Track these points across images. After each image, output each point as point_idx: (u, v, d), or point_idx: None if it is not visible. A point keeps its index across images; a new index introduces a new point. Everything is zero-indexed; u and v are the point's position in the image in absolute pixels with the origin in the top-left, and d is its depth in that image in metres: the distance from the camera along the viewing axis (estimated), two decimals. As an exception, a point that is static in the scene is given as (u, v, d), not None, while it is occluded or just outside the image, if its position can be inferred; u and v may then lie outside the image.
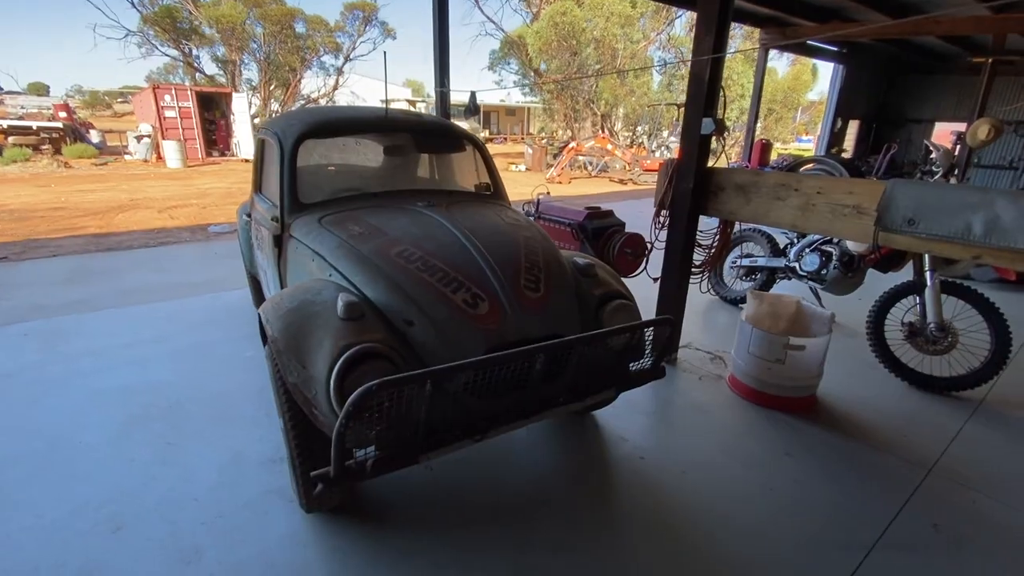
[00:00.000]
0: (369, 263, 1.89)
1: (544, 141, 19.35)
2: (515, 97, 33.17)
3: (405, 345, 1.69)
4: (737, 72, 16.88)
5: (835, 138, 10.72)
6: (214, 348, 3.46)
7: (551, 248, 2.21)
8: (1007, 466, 2.42)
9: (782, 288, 4.42)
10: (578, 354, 1.76)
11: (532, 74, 18.99)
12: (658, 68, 18.07)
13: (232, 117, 18.20)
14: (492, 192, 2.90)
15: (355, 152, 2.89)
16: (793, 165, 3.54)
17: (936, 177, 3.16)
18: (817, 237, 3.77)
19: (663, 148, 15.85)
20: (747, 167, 8.44)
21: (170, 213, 8.44)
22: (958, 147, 11.31)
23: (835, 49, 9.60)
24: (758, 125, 9.92)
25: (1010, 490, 2.24)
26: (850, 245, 3.50)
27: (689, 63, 2.83)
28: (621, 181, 14.87)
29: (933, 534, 1.99)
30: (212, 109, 18.38)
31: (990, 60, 6.68)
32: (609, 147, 14.56)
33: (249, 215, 3.35)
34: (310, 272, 2.07)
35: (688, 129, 2.91)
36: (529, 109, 31.94)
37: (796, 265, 3.88)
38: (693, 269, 3.32)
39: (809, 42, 8.53)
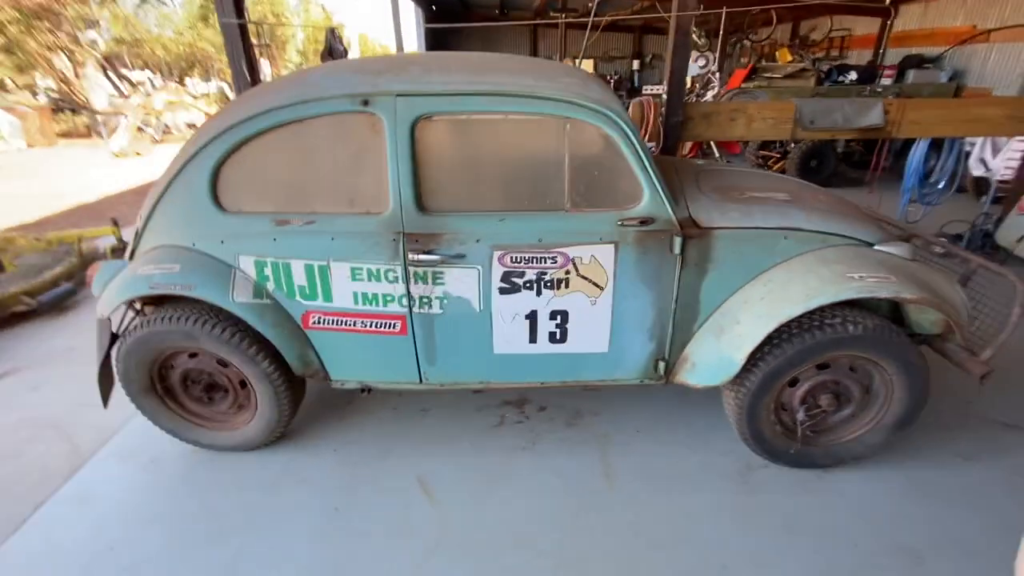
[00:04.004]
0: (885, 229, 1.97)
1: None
2: None
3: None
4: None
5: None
6: None
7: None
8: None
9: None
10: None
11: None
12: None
13: None
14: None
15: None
16: (733, 97, 4.74)
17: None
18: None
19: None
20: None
21: None
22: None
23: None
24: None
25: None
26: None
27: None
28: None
29: None
30: None
31: (564, 16, 9.55)
32: (187, 99, 11.33)
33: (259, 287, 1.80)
34: (781, 258, 1.86)
35: (675, 73, 3.61)
36: None
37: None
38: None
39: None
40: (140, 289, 1.87)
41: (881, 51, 8.90)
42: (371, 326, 1.94)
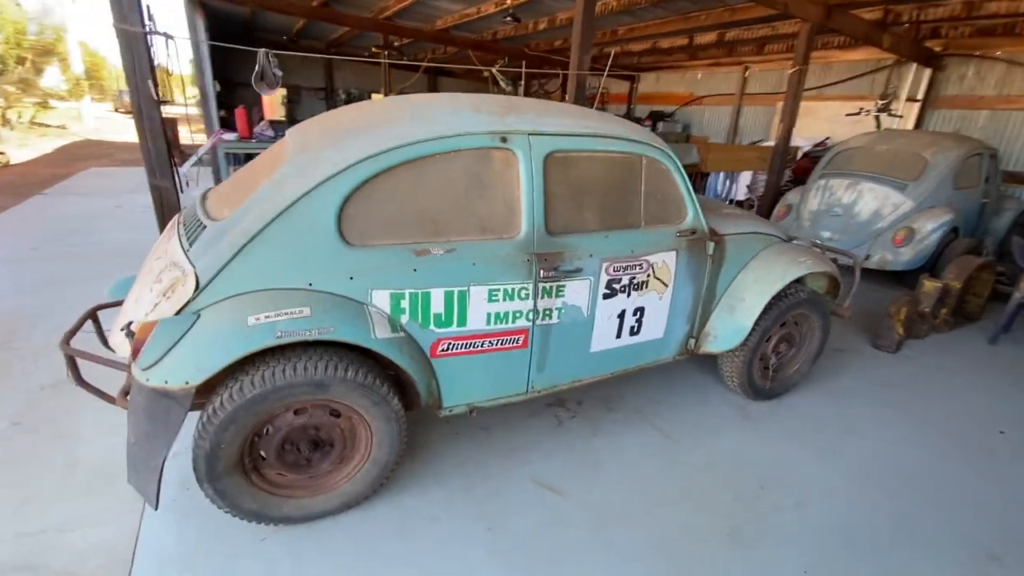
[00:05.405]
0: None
1: None
2: None
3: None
4: None
5: (218, 97, 10.90)
6: None
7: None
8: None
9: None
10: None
11: None
12: None
13: None
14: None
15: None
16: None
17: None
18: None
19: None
20: (223, 138, 7.89)
21: None
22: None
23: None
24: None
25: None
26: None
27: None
28: None
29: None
30: None
31: (386, 52, 9.50)
32: None
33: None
34: (754, 253, 2.69)
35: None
36: None
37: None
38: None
39: None
40: (262, 340, 1.62)
41: (632, 107, 11.71)
42: (498, 344, 2.06)
